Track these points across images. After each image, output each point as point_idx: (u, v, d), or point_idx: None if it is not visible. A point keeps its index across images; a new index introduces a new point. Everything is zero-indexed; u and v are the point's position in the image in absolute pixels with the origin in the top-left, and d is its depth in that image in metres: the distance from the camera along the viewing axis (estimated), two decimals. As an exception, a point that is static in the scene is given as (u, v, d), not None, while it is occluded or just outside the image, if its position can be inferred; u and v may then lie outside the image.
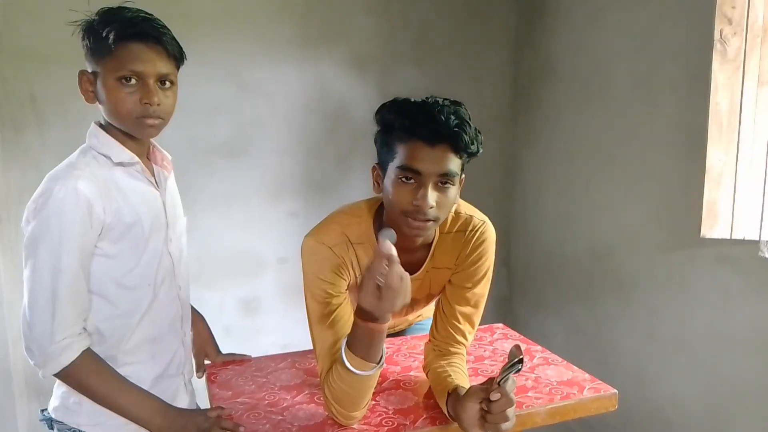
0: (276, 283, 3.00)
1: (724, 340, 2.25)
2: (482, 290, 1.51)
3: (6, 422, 2.50)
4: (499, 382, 1.18)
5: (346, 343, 1.27)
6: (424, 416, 1.37)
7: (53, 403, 1.37)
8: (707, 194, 2.17)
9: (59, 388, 1.35)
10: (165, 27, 1.29)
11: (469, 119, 1.28)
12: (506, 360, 1.18)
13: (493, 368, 1.60)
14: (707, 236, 2.18)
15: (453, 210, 1.44)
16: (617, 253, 2.71)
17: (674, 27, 2.36)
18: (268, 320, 3.01)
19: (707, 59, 2.13)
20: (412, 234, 1.30)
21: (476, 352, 1.71)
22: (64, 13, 1.28)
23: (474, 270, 1.47)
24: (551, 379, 1.54)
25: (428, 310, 1.91)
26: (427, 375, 1.51)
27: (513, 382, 1.20)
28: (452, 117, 1.24)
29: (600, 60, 2.76)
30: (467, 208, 1.50)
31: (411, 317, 1.85)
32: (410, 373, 1.59)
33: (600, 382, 1.52)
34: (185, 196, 1.57)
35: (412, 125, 1.25)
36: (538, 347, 1.75)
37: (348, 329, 1.32)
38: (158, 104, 1.28)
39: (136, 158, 1.33)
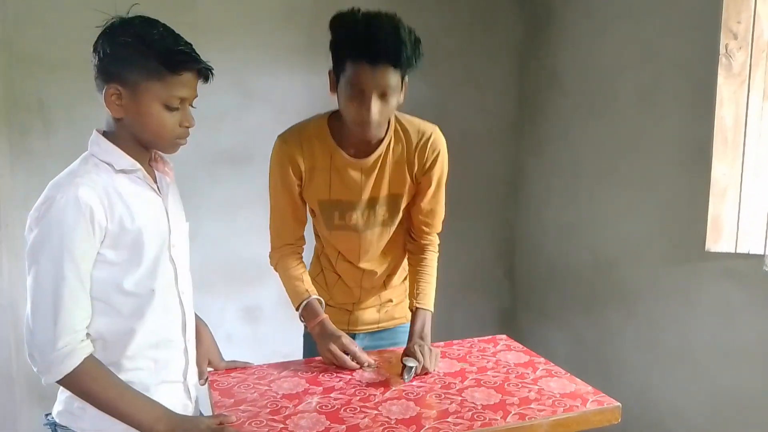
0: (278, 292, 2.94)
1: (728, 354, 2.24)
2: (441, 179, 1.75)
3: (8, 427, 2.50)
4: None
5: (304, 308, 1.76)
6: (427, 426, 1.37)
7: (57, 408, 1.37)
8: (712, 208, 2.17)
9: (63, 393, 1.35)
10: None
11: (409, 34, 1.46)
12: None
13: (496, 380, 1.60)
14: (712, 250, 2.18)
15: (403, 118, 1.70)
16: (621, 265, 2.71)
17: (679, 40, 2.37)
18: (270, 328, 3.01)
19: (712, 73, 2.13)
20: (365, 139, 1.58)
21: (479, 363, 1.70)
22: (72, 19, 1.30)
23: (432, 161, 1.69)
24: (554, 391, 1.53)
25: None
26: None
27: (416, 370, 1.60)
28: (391, 37, 1.43)
29: (605, 72, 2.76)
30: (415, 117, 1.74)
31: (393, 296, 1.93)
32: (413, 383, 1.58)
33: (603, 394, 1.52)
34: (189, 203, 1.58)
35: (356, 46, 1.45)
36: (541, 359, 1.74)
37: (292, 206, 1.76)
38: None
39: (138, 165, 1.34)
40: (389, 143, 1.67)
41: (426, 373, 1.61)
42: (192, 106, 1.37)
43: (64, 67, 2.46)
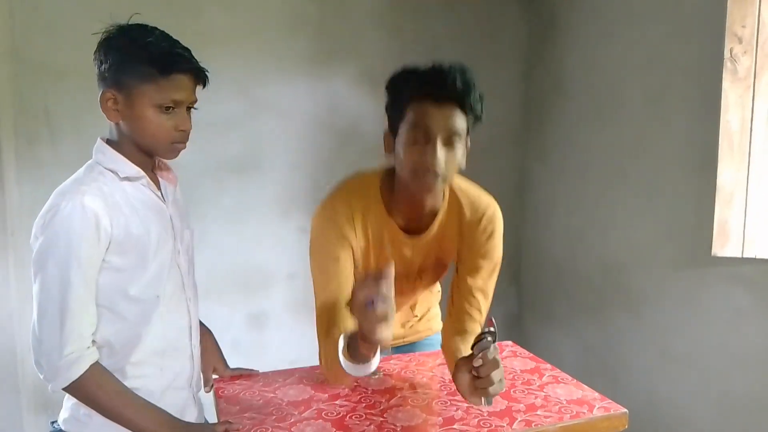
0: (285, 299, 3.00)
1: (736, 359, 2.23)
2: (493, 261, 1.56)
3: (14, 434, 2.51)
4: (474, 347, 1.26)
5: (345, 348, 1.27)
6: (433, 433, 1.37)
7: (63, 415, 1.37)
8: (718, 212, 2.16)
9: (69, 400, 1.35)
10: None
11: (475, 83, 1.34)
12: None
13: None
14: (718, 254, 2.17)
15: (458, 188, 1.53)
16: (628, 271, 2.70)
17: (685, 45, 2.37)
18: (276, 335, 3.01)
19: (718, 77, 2.13)
20: (422, 191, 1.37)
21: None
22: (79, 29, 1.30)
23: (484, 240, 1.53)
24: (561, 398, 1.53)
25: (437, 322, 1.93)
26: (445, 355, 1.56)
27: (494, 348, 1.24)
28: (458, 78, 1.31)
29: (611, 77, 2.76)
30: (474, 187, 1.58)
31: (418, 312, 1.85)
32: (418, 390, 1.58)
33: (610, 401, 1.51)
34: (195, 210, 1.58)
35: (421, 86, 1.32)
36: (548, 365, 1.74)
37: (344, 292, 1.41)
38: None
39: (142, 172, 1.35)
40: (442, 218, 1.52)
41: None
42: (194, 108, 1.36)
43: (70, 75, 2.47)
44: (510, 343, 1.92)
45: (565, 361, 2.99)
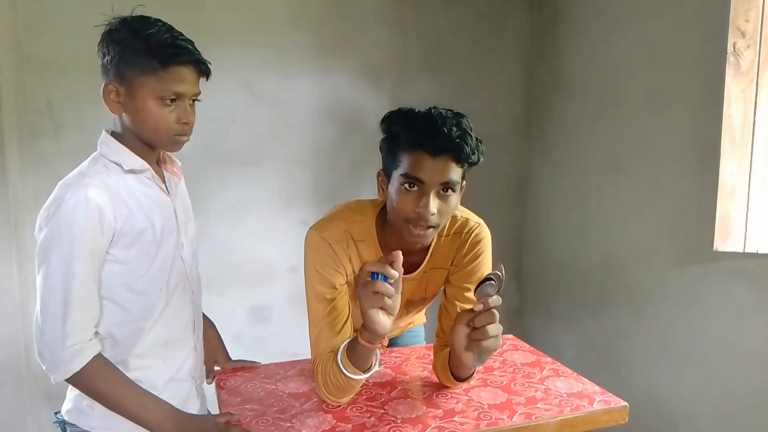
0: (286, 292, 3.00)
1: (738, 355, 2.23)
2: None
3: (18, 425, 2.52)
4: (476, 291, 1.28)
5: (345, 350, 1.37)
6: (433, 425, 1.37)
7: (66, 406, 1.38)
8: (720, 207, 2.16)
9: (72, 392, 1.36)
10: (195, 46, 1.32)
11: (471, 130, 1.33)
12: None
13: (503, 379, 1.60)
14: (720, 249, 2.17)
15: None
16: (630, 266, 2.70)
17: (687, 40, 2.36)
18: (278, 328, 3.02)
19: (720, 72, 2.12)
20: (414, 240, 1.37)
21: (485, 363, 1.70)
22: (82, 22, 1.31)
23: (472, 268, 1.53)
24: (561, 391, 1.53)
25: (419, 317, 1.95)
26: (436, 372, 1.56)
27: (497, 298, 1.26)
28: (454, 129, 1.29)
29: (613, 72, 2.76)
30: (463, 212, 1.56)
31: (403, 324, 1.88)
32: (419, 383, 1.58)
33: (610, 394, 1.51)
34: (198, 204, 1.58)
35: (416, 137, 1.30)
36: (548, 358, 1.74)
37: (341, 320, 1.44)
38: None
39: (147, 165, 1.35)
40: (432, 256, 1.53)
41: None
42: (198, 100, 1.36)
43: (73, 69, 2.48)
44: (511, 336, 1.92)
45: (566, 356, 2.99)
